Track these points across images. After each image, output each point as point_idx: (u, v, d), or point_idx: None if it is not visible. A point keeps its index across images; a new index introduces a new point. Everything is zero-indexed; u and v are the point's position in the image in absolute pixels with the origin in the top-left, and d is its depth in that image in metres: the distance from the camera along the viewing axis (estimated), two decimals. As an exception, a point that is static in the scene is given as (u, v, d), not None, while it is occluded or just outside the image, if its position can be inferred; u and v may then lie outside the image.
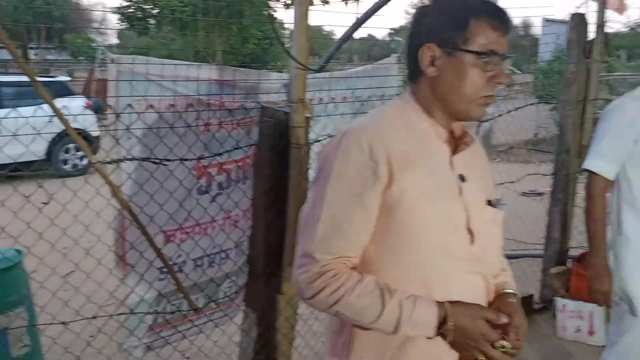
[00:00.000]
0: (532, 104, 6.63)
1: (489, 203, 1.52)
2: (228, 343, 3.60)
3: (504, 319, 1.42)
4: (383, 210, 1.39)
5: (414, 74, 1.48)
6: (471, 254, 1.45)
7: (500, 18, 1.40)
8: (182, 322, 3.07)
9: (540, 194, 8.47)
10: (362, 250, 1.42)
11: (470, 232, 1.45)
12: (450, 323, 1.37)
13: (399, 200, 1.37)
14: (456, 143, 1.51)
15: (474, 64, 1.39)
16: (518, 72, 23.55)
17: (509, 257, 6.00)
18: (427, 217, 1.39)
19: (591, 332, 4.14)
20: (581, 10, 4.66)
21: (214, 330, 3.30)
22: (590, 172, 2.68)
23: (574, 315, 4.21)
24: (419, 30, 1.45)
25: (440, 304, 1.39)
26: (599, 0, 4.55)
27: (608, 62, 5.14)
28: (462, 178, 1.48)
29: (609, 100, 5.56)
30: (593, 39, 4.58)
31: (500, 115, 5.64)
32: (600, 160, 2.65)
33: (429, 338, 1.39)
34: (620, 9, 4.54)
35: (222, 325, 3.30)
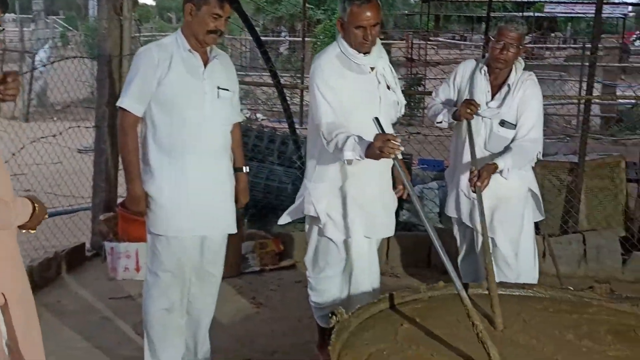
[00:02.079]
0: (69, 58, 6.65)
1: None
2: None
3: None
4: None
5: None
6: None
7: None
8: None
9: (96, 150, 8.60)
10: None
11: None
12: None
13: None
14: None
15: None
16: (72, 29, 23.02)
17: (65, 212, 5.92)
18: None
19: (137, 269, 4.51)
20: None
21: None
22: (122, 109, 2.97)
23: (122, 256, 4.52)
24: None
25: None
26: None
27: (139, 20, 5.50)
28: None
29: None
30: (123, -3, 4.86)
31: (37, 68, 5.56)
32: (129, 99, 2.95)
33: None
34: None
35: None
